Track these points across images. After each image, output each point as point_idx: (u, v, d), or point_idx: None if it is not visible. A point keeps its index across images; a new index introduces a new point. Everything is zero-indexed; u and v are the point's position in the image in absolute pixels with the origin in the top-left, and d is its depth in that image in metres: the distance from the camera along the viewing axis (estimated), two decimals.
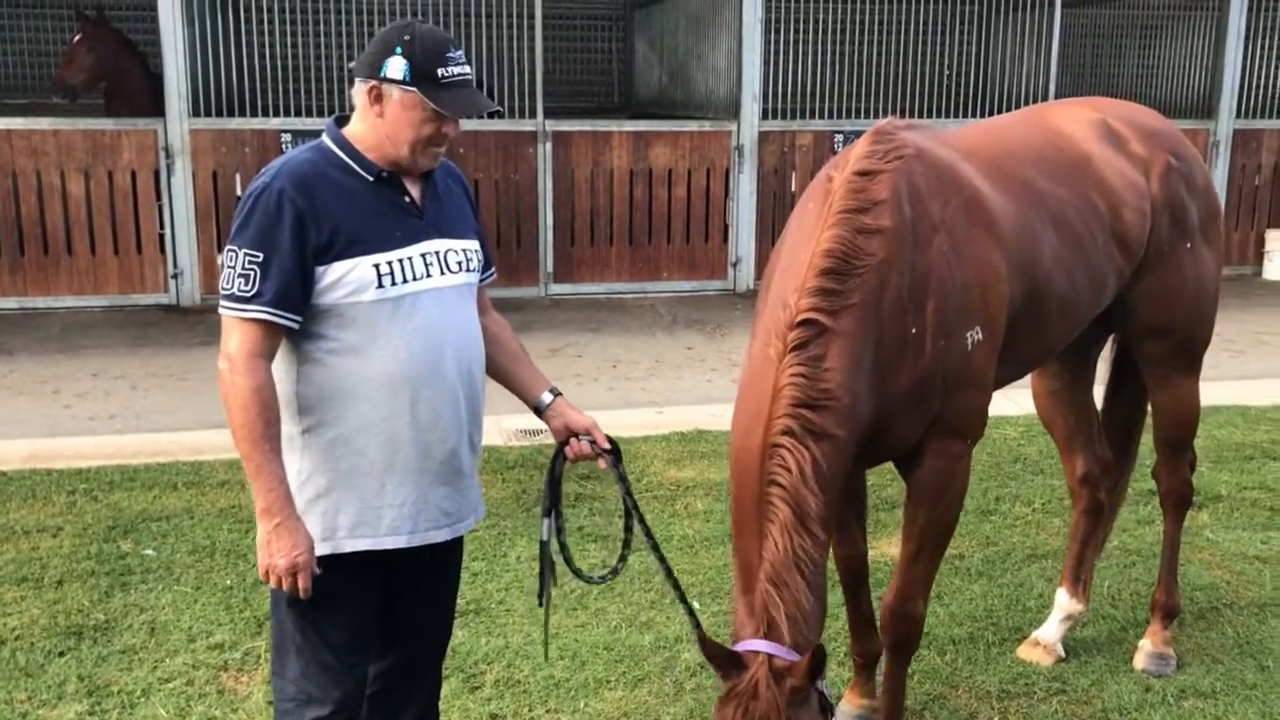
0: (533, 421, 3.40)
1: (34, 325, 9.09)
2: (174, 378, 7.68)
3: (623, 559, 3.18)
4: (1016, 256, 3.20)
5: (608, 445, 2.95)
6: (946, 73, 12.23)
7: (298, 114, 10.05)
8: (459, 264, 2.75)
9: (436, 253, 2.70)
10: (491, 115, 2.75)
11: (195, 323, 9.24)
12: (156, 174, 9.59)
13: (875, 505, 5.12)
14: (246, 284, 2.52)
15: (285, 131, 9.74)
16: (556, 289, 10.37)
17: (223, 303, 2.57)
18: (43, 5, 15.39)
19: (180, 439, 6.32)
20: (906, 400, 3.01)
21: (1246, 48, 11.77)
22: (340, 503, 2.66)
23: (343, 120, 2.72)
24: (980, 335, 3.06)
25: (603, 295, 10.49)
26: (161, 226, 9.67)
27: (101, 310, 9.61)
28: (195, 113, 9.64)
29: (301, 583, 2.55)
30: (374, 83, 2.59)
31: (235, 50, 9.93)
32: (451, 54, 2.60)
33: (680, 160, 10.60)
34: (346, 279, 2.57)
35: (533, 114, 10.23)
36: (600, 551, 4.90)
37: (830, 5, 11.23)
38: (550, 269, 10.37)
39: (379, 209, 2.64)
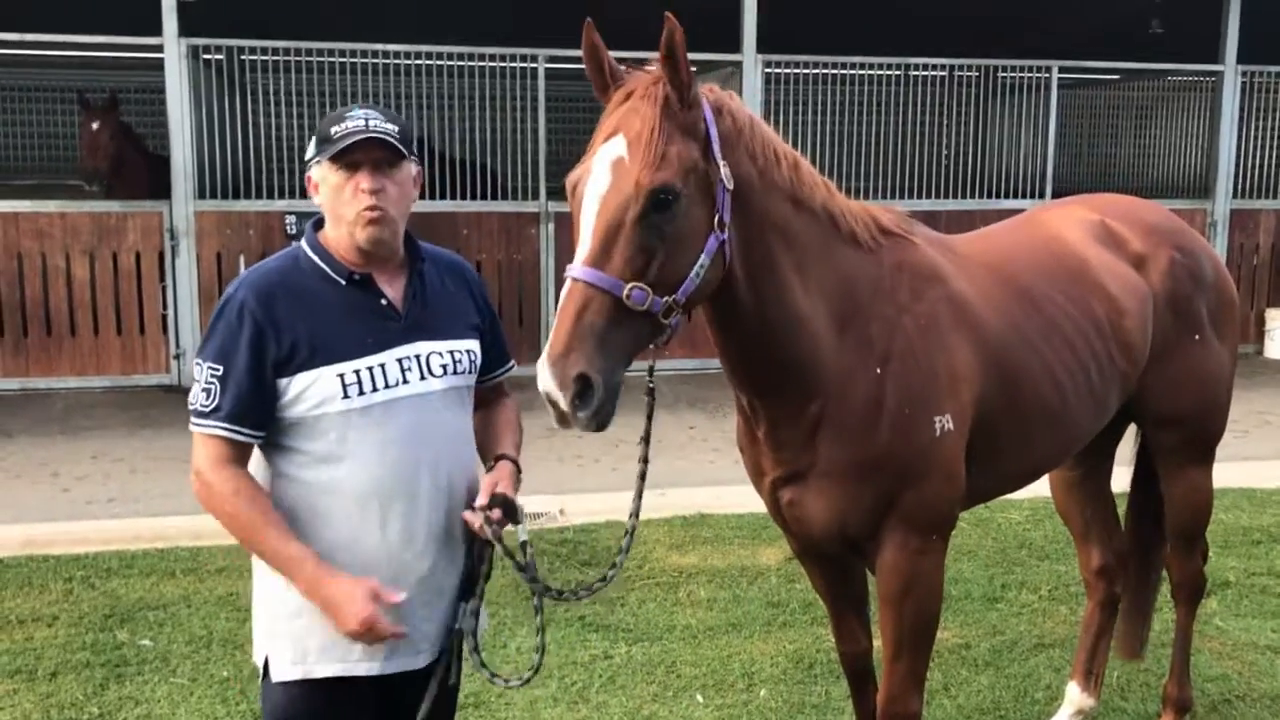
0: (532, 503, 3.28)
1: (35, 406, 9.08)
2: (174, 460, 7.64)
3: (539, 649, 2.78)
4: (996, 361, 3.10)
5: (489, 510, 2.59)
6: (945, 154, 12.35)
7: (302, 196, 10.14)
8: (443, 367, 2.61)
9: (416, 356, 2.58)
10: (403, 157, 2.54)
11: None
12: (161, 255, 9.66)
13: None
14: (207, 398, 2.48)
15: (290, 213, 9.83)
16: None
17: (191, 417, 2.52)
18: (49, 90, 15.65)
19: (179, 523, 6.27)
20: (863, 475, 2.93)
21: (1241, 129, 11.91)
22: (310, 626, 2.52)
23: (323, 223, 2.63)
24: (950, 425, 2.96)
25: None
26: (165, 307, 9.71)
27: (103, 390, 9.61)
28: (201, 195, 9.73)
29: (382, 632, 2.43)
30: (307, 176, 2.59)
31: (240, 133, 10.05)
32: (351, 113, 2.51)
33: None
34: (310, 391, 2.48)
35: (535, 195, 10.32)
36: (602, 642, 4.83)
37: (828, 87, 11.38)
38: None
39: (350, 314, 2.54)
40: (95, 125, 9.99)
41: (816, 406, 2.87)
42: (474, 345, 2.71)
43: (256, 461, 2.58)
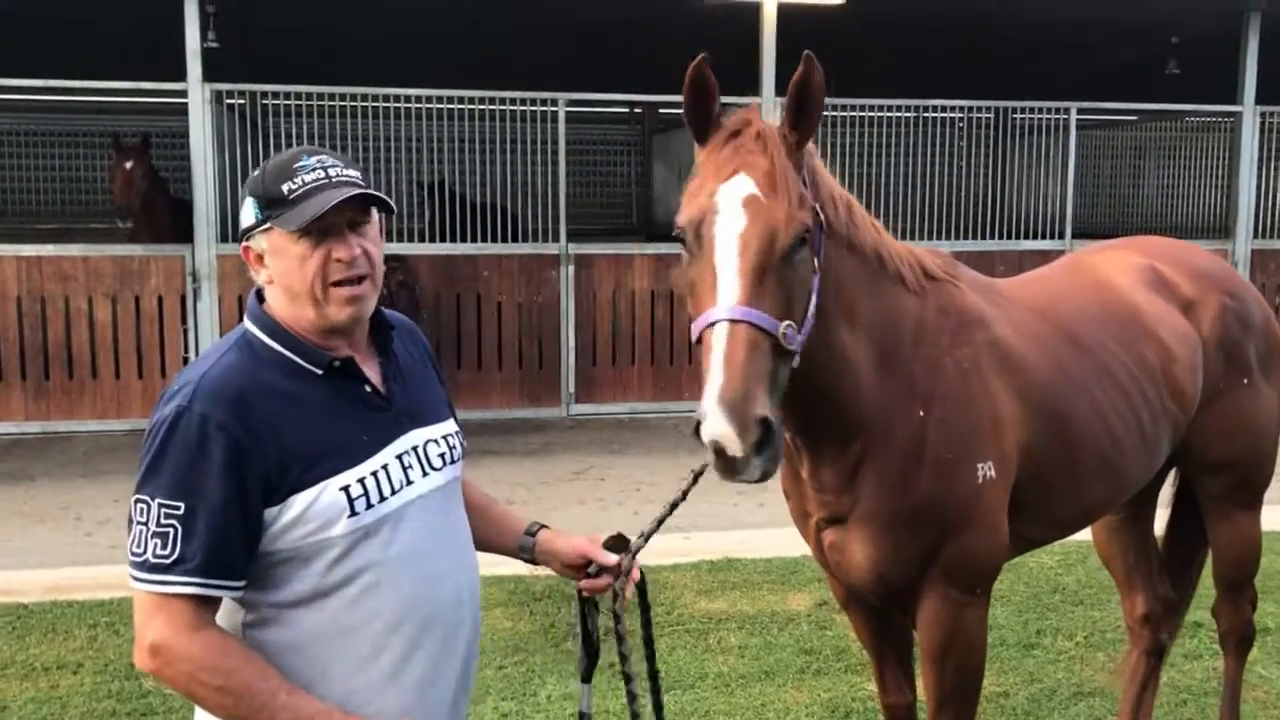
0: None
1: (57, 449, 9.08)
2: None
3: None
4: (1043, 406, 3.06)
5: (615, 561, 2.38)
6: (961, 194, 12.36)
7: None
8: (442, 456, 2.18)
9: (414, 449, 2.13)
10: (373, 204, 2.09)
11: None
12: (183, 298, 9.69)
13: None
14: (164, 546, 1.89)
15: None
16: (579, 409, 10.34)
17: (132, 574, 1.93)
18: (73, 135, 15.79)
19: None
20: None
21: (1261, 169, 11.89)
22: None
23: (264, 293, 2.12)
24: (992, 473, 2.91)
25: (625, 415, 10.46)
26: (186, 350, 9.73)
27: (125, 433, 9.60)
28: (223, 239, 9.78)
29: None
30: (245, 246, 2.07)
31: None
32: (302, 162, 2.02)
33: None
34: (310, 514, 1.97)
35: (555, 237, 10.34)
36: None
37: (849, 130, 11.41)
38: (573, 389, 10.37)
39: (337, 411, 2.04)
40: (129, 164, 10.18)
41: (858, 446, 2.84)
42: (455, 426, 2.29)
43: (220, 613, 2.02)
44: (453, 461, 2.22)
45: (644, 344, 10.63)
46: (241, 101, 10.48)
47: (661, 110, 16.51)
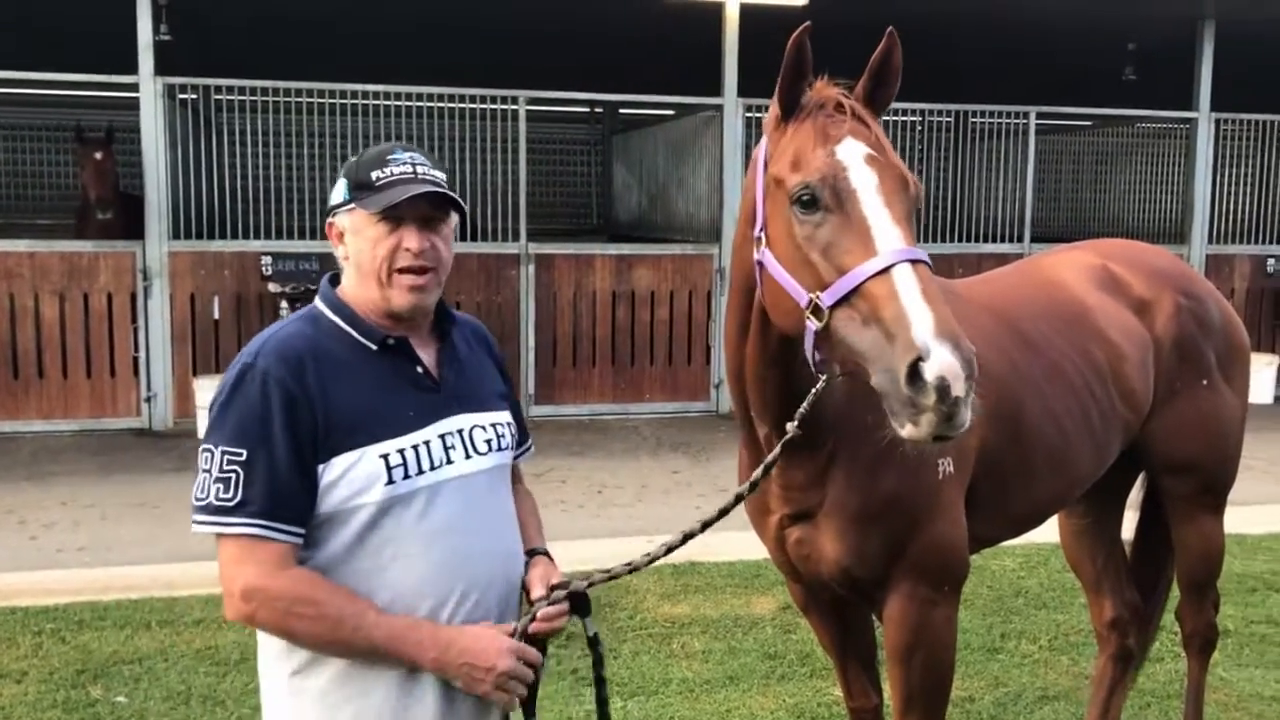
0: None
1: (1, 451, 8.84)
2: (147, 506, 7.44)
3: None
4: (996, 403, 3.00)
5: (554, 594, 2.27)
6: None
7: (278, 236, 10.02)
8: (488, 443, 2.26)
9: (459, 431, 2.22)
10: (451, 209, 2.22)
11: (169, 447, 9.03)
12: (133, 296, 9.48)
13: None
14: (226, 490, 2.01)
15: (266, 254, 9.69)
16: (538, 410, 10.24)
17: (195, 517, 2.06)
18: (17, 129, 15.45)
19: (154, 572, 6.07)
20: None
21: (1215, 175, 12.03)
22: None
23: (339, 278, 2.28)
24: (951, 468, 2.89)
25: (585, 417, 10.38)
26: (136, 349, 9.52)
27: (72, 434, 9.39)
28: (175, 235, 9.58)
29: (519, 688, 2.13)
30: (330, 221, 2.23)
31: (215, 173, 9.93)
32: (395, 155, 2.18)
33: (662, 283, 10.62)
34: (348, 477, 2.07)
35: (515, 237, 10.24)
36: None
37: None
38: (532, 390, 10.27)
39: (387, 385, 2.16)
40: (99, 155, 9.95)
41: (830, 444, 2.81)
42: (509, 418, 2.38)
43: None
44: (500, 449, 2.29)
45: (604, 345, 10.56)
46: (194, 96, 10.27)
47: (622, 110, 16.45)
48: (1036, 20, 12.19)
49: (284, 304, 9.51)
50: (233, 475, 2.02)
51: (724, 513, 2.39)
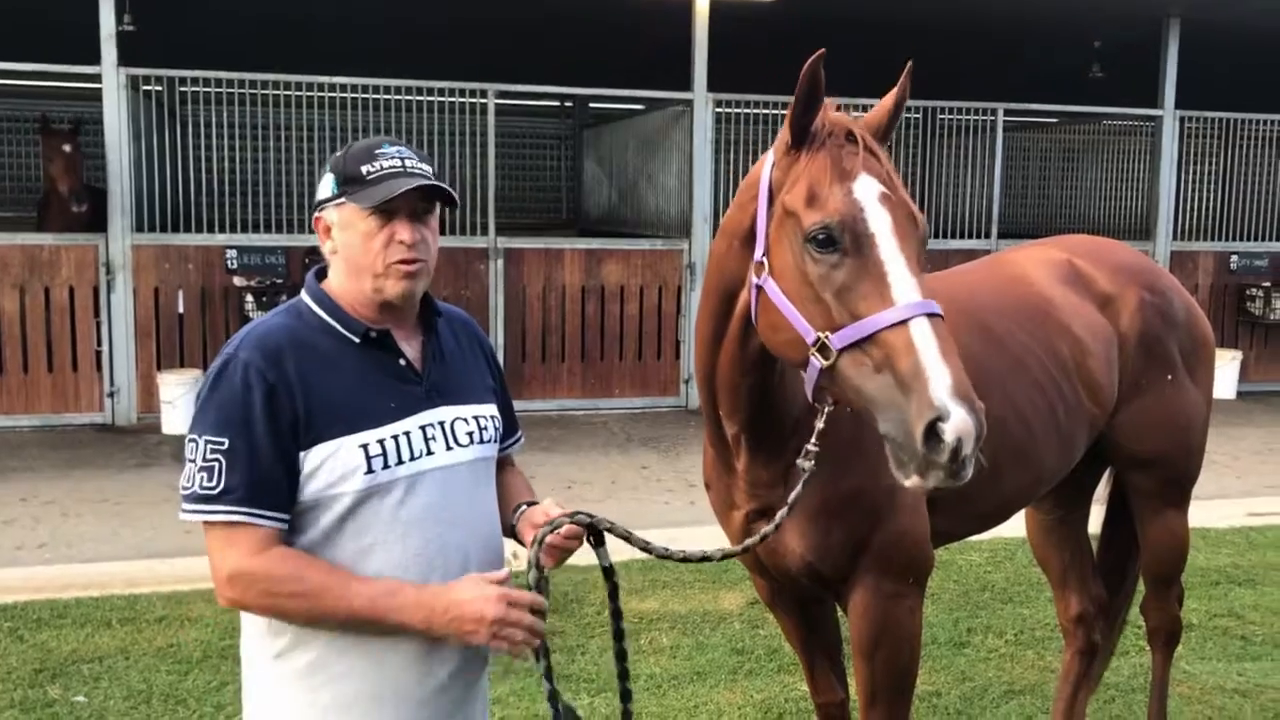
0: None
1: None
2: (108, 503, 7.34)
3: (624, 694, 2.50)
4: None
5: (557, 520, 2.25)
6: None
7: (243, 230, 9.92)
8: (469, 435, 2.27)
9: (440, 423, 2.23)
10: (440, 201, 2.24)
11: (131, 443, 8.92)
12: (96, 290, 9.36)
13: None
14: (210, 478, 2.05)
15: (230, 247, 9.60)
16: None
17: (184, 506, 2.10)
18: None
19: (114, 570, 6.00)
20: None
21: (1180, 172, 12.14)
22: None
23: (325, 273, 2.30)
24: None
25: (554, 412, 10.35)
26: (99, 344, 9.40)
27: (32, 430, 9.26)
28: (139, 228, 9.47)
29: (514, 635, 2.07)
30: (317, 216, 2.24)
31: (180, 165, 9.82)
32: (383, 149, 2.20)
33: (632, 278, 10.60)
34: (327, 466, 2.11)
35: (484, 231, 10.19)
36: (564, 694, 4.64)
37: (777, 128, 11.41)
38: None
39: (368, 377, 2.19)
40: (68, 147, 9.77)
41: (796, 441, 2.79)
42: (495, 410, 2.39)
43: None
44: (482, 442, 2.30)
45: (574, 340, 10.53)
46: (158, 88, 10.15)
47: (592, 104, 16.40)
48: (1004, 17, 12.26)
49: (249, 298, 9.43)
50: (216, 464, 2.06)
51: (746, 549, 2.57)
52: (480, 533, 2.28)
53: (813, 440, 2.45)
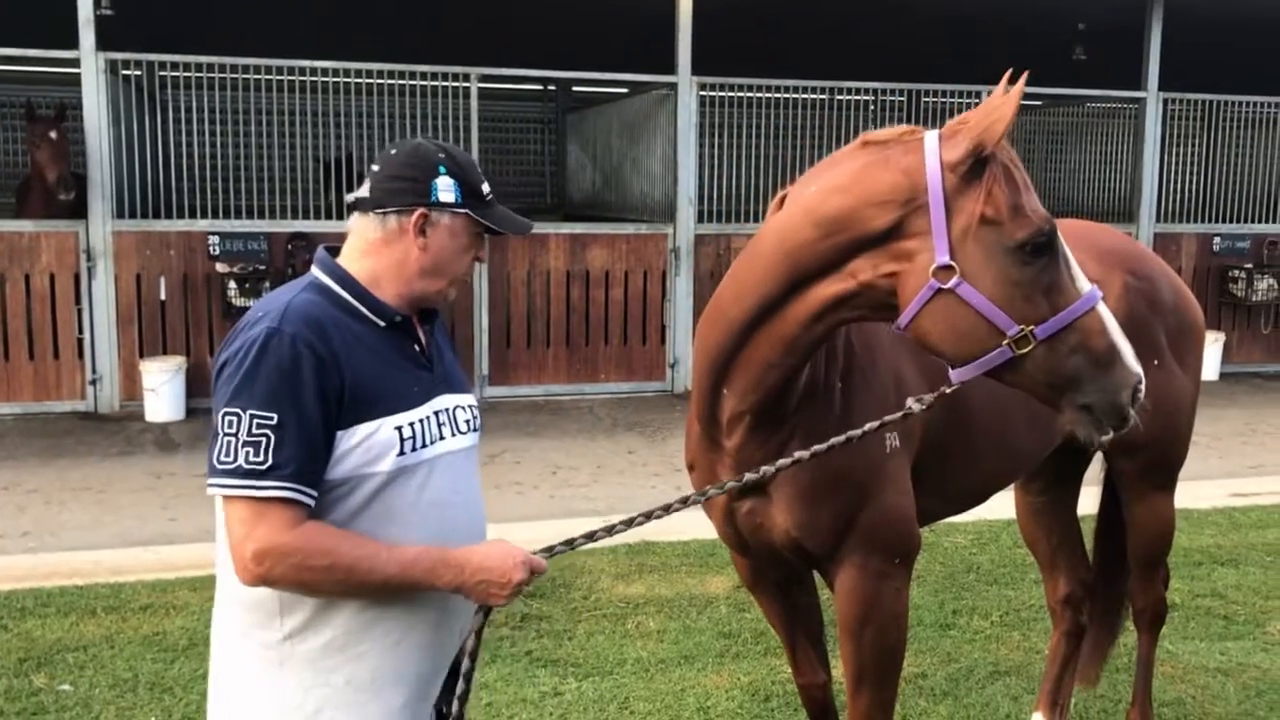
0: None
1: None
2: (92, 491, 7.31)
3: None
4: (941, 378, 3.05)
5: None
6: None
7: (225, 216, 9.85)
8: (467, 423, 2.35)
9: (447, 410, 2.29)
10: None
11: (114, 431, 8.88)
12: (77, 277, 9.29)
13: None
14: (257, 453, 2.02)
15: (212, 234, 9.54)
16: (492, 392, 10.18)
17: (220, 481, 2.05)
18: None
19: (99, 558, 5.97)
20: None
21: (1164, 154, 12.16)
22: None
23: (333, 251, 2.30)
24: (897, 442, 2.95)
25: (540, 397, 10.33)
26: (80, 331, 9.34)
27: (14, 418, 9.21)
28: (120, 214, 9.40)
29: (528, 572, 2.19)
30: (422, 210, 2.21)
31: (161, 151, 9.74)
32: (476, 166, 2.33)
33: (617, 262, 10.58)
34: (366, 444, 2.13)
35: None
36: (551, 678, 4.66)
37: (762, 111, 11.38)
38: (486, 371, 10.20)
39: (394, 360, 2.22)
40: (54, 134, 9.62)
41: (794, 419, 2.85)
42: (474, 401, 2.47)
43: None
44: (475, 429, 2.39)
45: (559, 325, 10.51)
46: (138, 72, 10.06)
47: (575, 88, 16.32)
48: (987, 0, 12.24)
49: (232, 284, 9.38)
50: (263, 438, 2.03)
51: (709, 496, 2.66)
52: (478, 515, 2.38)
53: (932, 398, 2.63)
